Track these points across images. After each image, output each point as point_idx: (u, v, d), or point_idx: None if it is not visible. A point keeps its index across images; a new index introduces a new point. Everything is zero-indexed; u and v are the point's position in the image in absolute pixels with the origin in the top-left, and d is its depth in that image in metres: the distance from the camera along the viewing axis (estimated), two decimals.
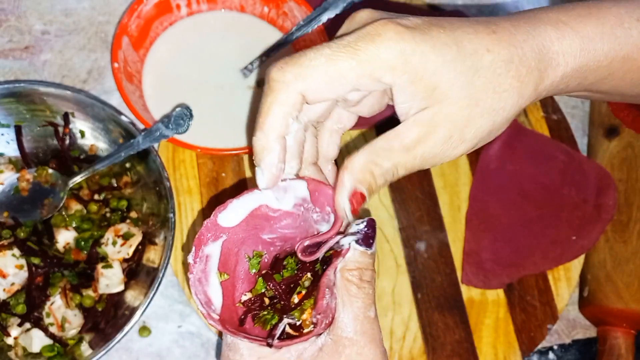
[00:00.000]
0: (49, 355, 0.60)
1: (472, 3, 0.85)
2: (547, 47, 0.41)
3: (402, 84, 0.39)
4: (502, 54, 0.40)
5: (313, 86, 0.38)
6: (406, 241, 0.70)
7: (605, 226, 0.71)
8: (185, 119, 0.65)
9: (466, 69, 0.39)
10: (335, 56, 0.38)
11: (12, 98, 0.66)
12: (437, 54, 0.38)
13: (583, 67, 0.43)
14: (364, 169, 0.39)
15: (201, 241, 0.43)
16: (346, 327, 0.41)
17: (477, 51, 0.39)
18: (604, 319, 0.69)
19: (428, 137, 0.39)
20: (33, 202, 0.65)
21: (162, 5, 0.72)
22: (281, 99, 0.39)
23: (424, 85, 0.38)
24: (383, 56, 0.38)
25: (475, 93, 0.39)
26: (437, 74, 0.38)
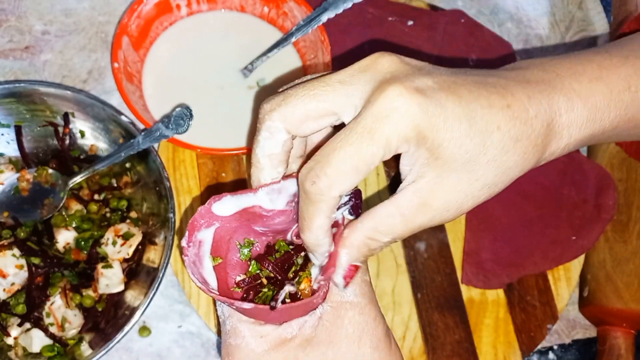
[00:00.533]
0: (49, 355, 0.60)
1: (471, 3, 0.85)
2: (556, 121, 0.41)
3: (412, 152, 0.39)
4: (512, 132, 0.40)
5: (346, 187, 0.39)
6: (406, 241, 0.70)
7: (605, 226, 0.71)
8: (185, 119, 0.65)
9: (473, 145, 0.39)
10: (357, 153, 0.38)
11: (12, 98, 0.66)
12: (447, 128, 0.38)
13: (587, 137, 0.43)
14: (362, 247, 0.40)
15: (194, 226, 0.44)
16: (345, 292, 0.42)
17: (488, 128, 0.39)
18: (604, 318, 0.69)
19: (427, 209, 0.40)
20: (33, 202, 0.65)
21: (162, 5, 0.72)
22: (321, 208, 0.40)
23: (429, 153, 0.39)
24: (400, 133, 0.38)
25: (478, 169, 0.40)
26: (443, 146, 0.38)
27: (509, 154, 0.40)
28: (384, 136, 0.38)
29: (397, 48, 0.77)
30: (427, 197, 0.39)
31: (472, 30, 0.80)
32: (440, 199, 0.40)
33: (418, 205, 0.40)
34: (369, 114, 0.38)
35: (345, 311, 0.42)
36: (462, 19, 0.81)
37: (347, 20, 0.76)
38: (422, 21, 0.80)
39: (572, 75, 0.43)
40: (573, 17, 0.86)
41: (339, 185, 0.38)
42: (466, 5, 0.84)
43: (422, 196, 0.39)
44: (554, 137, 0.42)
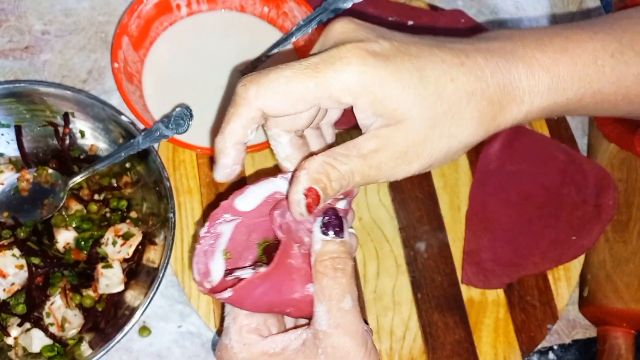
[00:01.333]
0: (49, 355, 0.60)
1: (472, 3, 0.85)
2: (514, 84, 0.42)
3: (362, 105, 0.40)
4: (465, 85, 0.41)
5: (271, 104, 0.40)
6: (406, 241, 0.70)
7: (605, 226, 0.71)
8: (185, 119, 0.65)
9: (428, 94, 0.40)
10: (295, 78, 0.39)
11: (12, 98, 0.66)
12: (397, 79, 0.39)
13: (551, 105, 0.44)
14: (319, 170, 0.40)
15: (215, 218, 0.44)
16: (321, 321, 0.41)
17: (440, 80, 0.40)
18: (604, 318, 0.69)
19: (384, 149, 0.41)
20: (33, 202, 0.65)
21: (162, 5, 0.72)
22: (241, 112, 0.41)
23: (384, 107, 0.40)
24: (342, 80, 0.39)
25: (435, 117, 0.41)
26: (397, 98, 0.40)
27: (463, 106, 0.41)
28: (324, 78, 0.39)
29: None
30: (386, 139, 0.41)
31: (472, 30, 0.80)
32: (398, 142, 0.41)
33: (376, 144, 0.41)
34: (319, 55, 0.40)
35: (320, 341, 0.41)
36: (462, 19, 0.81)
37: None
38: (422, 21, 0.80)
39: (537, 47, 0.44)
40: (573, 17, 0.86)
41: (265, 99, 0.40)
42: (466, 5, 0.84)
43: (380, 137, 0.41)
44: (513, 99, 0.42)
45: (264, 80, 0.40)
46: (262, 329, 0.44)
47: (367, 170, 0.41)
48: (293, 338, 0.43)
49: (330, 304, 0.41)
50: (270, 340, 0.43)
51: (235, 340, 0.43)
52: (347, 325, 0.41)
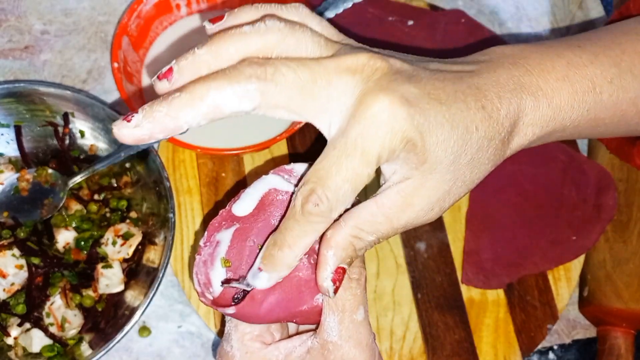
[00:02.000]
0: (49, 355, 0.60)
1: (472, 3, 0.85)
2: (521, 119, 0.43)
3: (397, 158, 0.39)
4: (487, 132, 0.41)
5: (345, 208, 0.39)
6: (406, 241, 0.70)
7: (605, 226, 0.71)
8: None
9: (456, 147, 0.39)
10: (354, 174, 0.38)
11: (11, 98, 0.66)
12: (432, 133, 0.39)
13: (549, 133, 0.44)
14: (347, 246, 0.39)
15: (214, 228, 0.44)
16: (331, 332, 0.41)
17: (468, 129, 0.40)
18: (604, 318, 0.69)
19: (411, 208, 0.39)
20: (33, 202, 0.65)
21: (162, 5, 0.72)
22: (318, 229, 0.39)
23: (417, 159, 0.39)
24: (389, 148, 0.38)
25: (459, 169, 0.40)
26: (430, 151, 0.39)
27: (483, 152, 0.41)
28: (375, 154, 0.38)
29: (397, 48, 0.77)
30: (411, 197, 0.39)
31: (472, 31, 0.80)
32: (423, 199, 0.40)
33: (401, 205, 0.39)
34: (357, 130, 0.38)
35: (329, 352, 0.41)
36: (462, 19, 0.81)
37: (347, 20, 0.76)
38: (422, 21, 0.80)
39: (540, 73, 0.43)
40: (573, 17, 0.86)
41: (340, 207, 0.38)
42: (466, 5, 0.84)
43: (406, 196, 0.39)
44: (517, 134, 0.43)
45: (332, 192, 0.38)
46: (265, 336, 0.43)
47: (393, 231, 0.40)
48: (297, 345, 0.42)
49: (343, 315, 0.41)
50: (274, 347, 0.42)
51: (237, 349, 0.43)
52: (358, 338, 0.41)
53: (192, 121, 0.38)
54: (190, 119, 0.37)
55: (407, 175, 0.39)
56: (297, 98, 0.38)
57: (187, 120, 0.37)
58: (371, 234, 0.39)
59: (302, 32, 0.40)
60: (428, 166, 0.39)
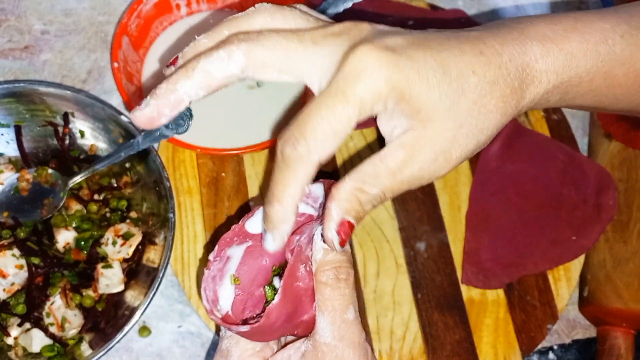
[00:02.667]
0: (49, 355, 0.60)
1: (472, 3, 0.85)
2: (531, 66, 0.41)
3: (389, 107, 0.39)
4: (487, 75, 0.40)
5: (325, 151, 0.38)
6: (406, 241, 0.70)
7: (605, 226, 0.71)
8: (185, 118, 0.65)
9: (452, 91, 0.39)
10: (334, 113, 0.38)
11: (11, 98, 0.66)
12: (422, 78, 0.38)
13: (565, 83, 0.43)
14: (351, 198, 0.39)
15: (226, 242, 0.43)
16: (324, 333, 0.41)
17: (463, 73, 0.39)
18: (604, 318, 0.69)
19: (414, 160, 0.39)
20: (33, 202, 0.65)
21: (162, 5, 0.72)
22: (299, 174, 0.38)
23: (409, 107, 0.38)
24: (372, 90, 0.38)
25: (460, 115, 0.39)
26: (422, 97, 0.38)
27: (487, 97, 0.40)
28: (357, 96, 0.37)
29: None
30: (414, 148, 0.39)
31: None
32: (427, 149, 0.39)
33: (404, 157, 0.39)
34: (340, 76, 0.38)
35: (323, 354, 0.41)
36: (462, 19, 0.81)
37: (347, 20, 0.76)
38: (422, 21, 0.79)
39: (547, 25, 0.43)
40: None
41: (318, 149, 0.38)
42: (466, 5, 0.84)
43: (407, 147, 0.39)
44: (531, 81, 0.41)
45: (309, 132, 0.38)
46: (265, 351, 0.44)
47: (398, 185, 0.39)
48: (292, 352, 0.42)
49: (334, 315, 0.41)
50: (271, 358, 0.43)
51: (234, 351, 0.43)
52: (350, 337, 0.41)
53: (190, 91, 0.40)
54: (187, 88, 0.40)
55: (406, 127, 0.39)
56: (283, 56, 0.39)
57: (185, 90, 0.40)
58: (375, 186, 0.39)
59: (290, 10, 0.41)
60: (425, 114, 0.38)
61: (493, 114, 0.40)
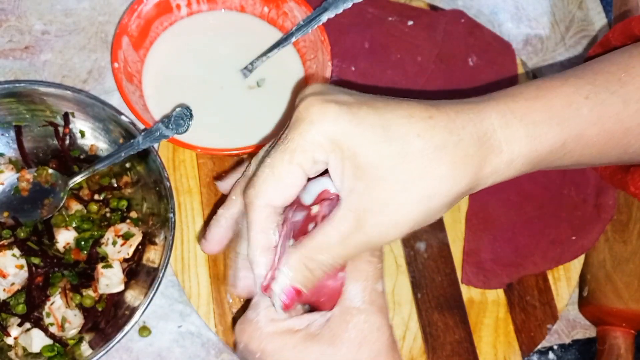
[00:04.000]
0: (49, 355, 0.60)
1: (471, 3, 0.85)
2: (489, 135, 0.41)
3: (333, 162, 0.40)
4: (434, 139, 0.39)
5: (273, 196, 0.41)
6: (406, 241, 0.70)
7: (605, 226, 0.71)
8: (185, 119, 0.65)
9: (394, 153, 0.38)
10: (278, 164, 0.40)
11: (12, 98, 0.66)
12: (362, 135, 0.38)
13: (533, 153, 0.42)
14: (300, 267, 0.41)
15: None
16: (354, 298, 0.42)
17: (406, 136, 0.39)
18: (604, 318, 0.69)
19: (362, 225, 0.39)
20: (33, 202, 0.65)
21: (162, 5, 0.72)
22: (255, 219, 0.42)
23: (351, 164, 0.39)
24: (312, 141, 0.39)
25: (405, 178, 0.39)
26: (363, 155, 0.38)
27: (435, 163, 0.39)
28: (297, 144, 0.39)
29: (397, 48, 0.77)
30: (361, 213, 0.39)
31: (472, 30, 0.80)
32: (373, 214, 0.39)
33: (353, 220, 0.39)
34: (287, 128, 0.40)
35: (351, 316, 0.42)
36: (462, 19, 0.81)
37: (347, 20, 0.76)
38: (422, 21, 0.80)
39: (508, 97, 0.42)
40: (573, 17, 0.86)
41: (263, 194, 0.41)
42: (466, 5, 0.84)
43: (354, 212, 0.39)
44: (491, 150, 0.40)
45: (256, 181, 0.41)
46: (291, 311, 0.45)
47: (348, 251, 0.40)
48: (318, 317, 0.44)
49: (366, 283, 0.43)
50: (297, 318, 0.44)
51: (263, 315, 0.44)
52: (380, 304, 0.43)
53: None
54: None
55: (351, 187, 0.39)
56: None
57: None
58: (325, 254, 0.40)
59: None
60: (368, 174, 0.39)
61: (441, 180, 0.39)
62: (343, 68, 0.75)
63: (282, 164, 0.40)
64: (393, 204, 0.39)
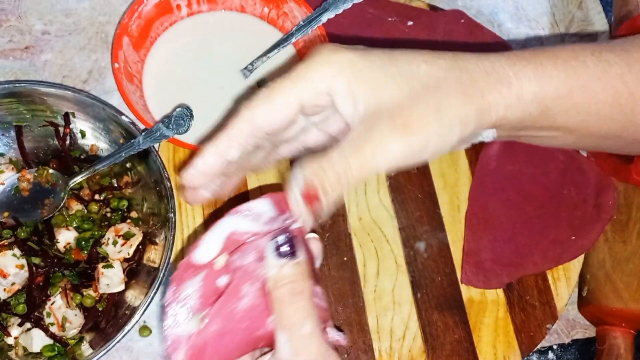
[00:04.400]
0: (49, 355, 0.60)
1: (471, 3, 0.85)
2: (497, 69, 0.42)
3: (341, 90, 0.41)
4: (440, 64, 0.41)
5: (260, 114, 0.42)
6: (406, 241, 0.71)
7: (604, 226, 0.71)
8: (186, 119, 0.65)
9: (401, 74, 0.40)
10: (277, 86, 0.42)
11: (12, 98, 0.66)
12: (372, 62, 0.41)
13: (541, 92, 0.43)
14: (315, 167, 0.40)
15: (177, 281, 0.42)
16: (282, 350, 0.40)
17: (412, 62, 0.41)
18: (603, 318, 0.69)
19: (373, 129, 0.39)
20: (34, 202, 0.65)
21: (162, 5, 0.72)
22: (233, 123, 0.43)
23: (363, 87, 0.40)
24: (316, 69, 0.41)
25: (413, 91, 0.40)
26: (373, 77, 0.40)
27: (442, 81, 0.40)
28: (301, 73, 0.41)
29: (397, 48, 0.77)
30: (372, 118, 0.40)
31: (472, 31, 0.80)
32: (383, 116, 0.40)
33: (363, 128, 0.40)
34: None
35: None
36: (462, 19, 0.81)
37: (347, 20, 0.76)
38: (422, 21, 0.80)
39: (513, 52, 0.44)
40: (573, 17, 0.86)
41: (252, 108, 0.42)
42: (466, 5, 0.84)
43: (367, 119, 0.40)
44: (499, 80, 0.42)
45: (253, 97, 0.42)
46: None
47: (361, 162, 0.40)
48: None
49: (291, 332, 0.39)
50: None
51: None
52: (308, 352, 0.39)
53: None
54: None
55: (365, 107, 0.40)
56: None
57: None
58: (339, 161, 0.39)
59: None
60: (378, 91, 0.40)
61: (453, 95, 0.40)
62: None
63: (281, 88, 0.41)
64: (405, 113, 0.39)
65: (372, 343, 0.66)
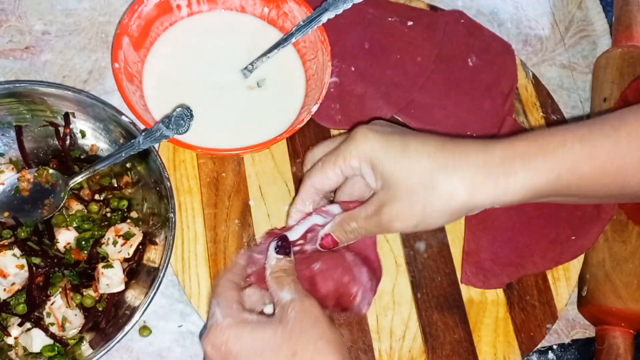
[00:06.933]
0: (49, 355, 0.61)
1: (471, 3, 0.85)
2: (488, 165, 0.51)
3: (365, 169, 0.56)
4: (439, 161, 0.52)
5: (317, 181, 0.60)
6: (406, 241, 0.71)
7: (604, 226, 0.71)
8: (186, 119, 0.65)
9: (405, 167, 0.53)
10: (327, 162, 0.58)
11: (12, 98, 0.66)
12: (386, 152, 0.54)
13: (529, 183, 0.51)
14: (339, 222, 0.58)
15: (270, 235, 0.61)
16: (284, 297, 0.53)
17: (419, 154, 0.53)
18: (603, 318, 0.69)
19: (380, 212, 0.54)
20: (34, 202, 0.65)
21: (162, 5, 0.72)
22: (302, 190, 0.61)
23: (378, 173, 0.54)
24: (350, 151, 0.56)
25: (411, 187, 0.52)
26: (386, 166, 0.54)
27: (435, 180, 0.51)
28: (342, 154, 0.57)
29: (397, 48, 0.77)
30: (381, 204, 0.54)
31: (472, 31, 0.80)
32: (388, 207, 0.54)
33: (375, 207, 0.55)
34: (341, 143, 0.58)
35: (288, 305, 0.52)
36: (462, 19, 0.81)
37: (347, 20, 0.76)
38: (422, 21, 0.80)
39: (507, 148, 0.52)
40: (573, 17, 0.86)
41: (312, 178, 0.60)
42: (466, 5, 0.84)
43: (377, 204, 0.55)
44: (488, 178, 0.51)
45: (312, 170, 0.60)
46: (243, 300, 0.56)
47: (370, 227, 0.56)
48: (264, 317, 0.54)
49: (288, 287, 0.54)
50: (247, 313, 0.54)
51: (219, 314, 0.53)
52: (302, 291, 0.54)
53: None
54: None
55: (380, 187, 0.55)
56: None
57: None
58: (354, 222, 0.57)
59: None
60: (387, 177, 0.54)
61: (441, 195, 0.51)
62: (343, 68, 0.76)
63: (329, 164, 0.58)
64: (402, 204, 0.53)
65: (372, 343, 0.66)
